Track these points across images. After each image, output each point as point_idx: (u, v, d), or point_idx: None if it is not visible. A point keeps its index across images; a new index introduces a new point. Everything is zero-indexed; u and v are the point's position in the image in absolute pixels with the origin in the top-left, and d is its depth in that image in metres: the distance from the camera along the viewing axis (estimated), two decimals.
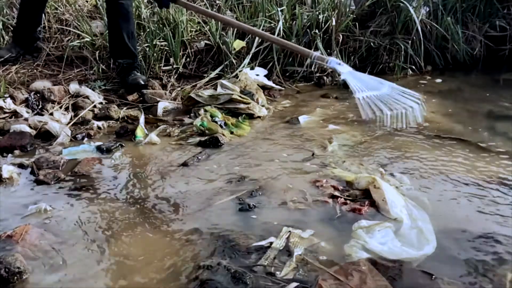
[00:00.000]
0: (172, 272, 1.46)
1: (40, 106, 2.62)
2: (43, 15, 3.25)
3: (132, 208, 1.80)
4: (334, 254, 1.52)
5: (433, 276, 1.38)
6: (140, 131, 2.39)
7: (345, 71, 1.93)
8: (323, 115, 2.71)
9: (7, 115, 2.53)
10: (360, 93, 1.77)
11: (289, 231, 1.61)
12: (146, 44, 3.13)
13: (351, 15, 3.36)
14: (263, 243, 1.56)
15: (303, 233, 1.61)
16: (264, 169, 2.07)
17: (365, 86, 1.82)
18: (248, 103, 2.66)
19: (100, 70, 3.03)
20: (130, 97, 2.81)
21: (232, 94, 2.67)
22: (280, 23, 3.20)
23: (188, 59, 3.23)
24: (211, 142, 2.29)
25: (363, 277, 1.36)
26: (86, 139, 2.40)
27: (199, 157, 2.17)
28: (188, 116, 2.63)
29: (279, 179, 1.99)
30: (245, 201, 1.81)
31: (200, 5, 3.55)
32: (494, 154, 2.20)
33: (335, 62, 1.98)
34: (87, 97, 2.73)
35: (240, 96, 2.68)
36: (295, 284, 1.38)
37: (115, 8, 2.74)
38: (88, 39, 3.22)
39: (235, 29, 3.27)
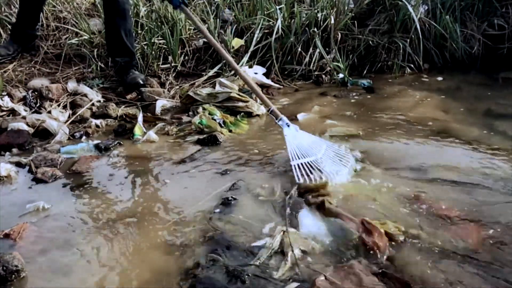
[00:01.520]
0: (169, 270, 1.46)
1: (38, 104, 2.62)
2: (42, 12, 3.25)
3: (129, 206, 1.80)
4: (328, 253, 1.53)
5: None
6: (138, 130, 2.39)
7: (289, 134, 2.11)
8: (321, 112, 2.72)
9: (4, 113, 2.52)
10: (295, 160, 1.96)
11: (283, 230, 1.61)
12: (145, 42, 3.12)
13: (350, 14, 3.36)
14: (258, 243, 1.56)
15: (297, 231, 1.61)
16: (255, 167, 2.08)
17: (302, 152, 2.01)
18: (247, 101, 2.66)
19: (98, 68, 3.02)
20: (128, 96, 2.80)
21: (231, 92, 2.67)
22: (279, 21, 3.20)
23: (186, 57, 3.23)
24: (210, 140, 2.29)
25: (358, 280, 1.37)
26: (84, 137, 2.40)
27: (197, 156, 2.17)
28: (187, 114, 2.62)
29: (268, 176, 2.00)
30: (228, 196, 1.83)
31: (199, 3, 3.55)
32: (491, 153, 2.20)
33: (284, 122, 2.15)
34: (85, 95, 2.72)
35: (238, 94, 2.68)
36: (295, 284, 1.38)
37: (111, 6, 2.73)
38: (86, 37, 3.21)
39: (233, 28, 3.27)
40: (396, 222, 1.62)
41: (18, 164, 2.08)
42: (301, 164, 1.94)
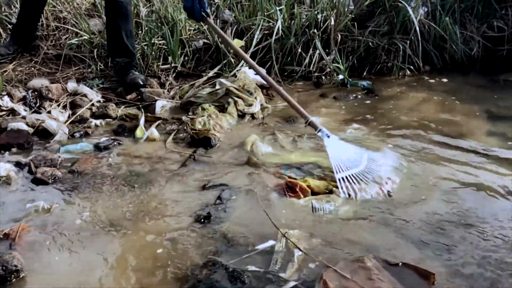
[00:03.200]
0: (169, 270, 1.46)
1: (37, 104, 2.62)
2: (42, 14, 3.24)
3: (129, 207, 1.80)
4: (333, 251, 1.54)
5: (433, 276, 1.40)
6: (139, 132, 2.38)
7: (330, 145, 2.06)
8: (335, 116, 2.71)
9: (4, 113, 2.52)
10: (339, 173, 1.91)
11: (286, 232, 1.61)
12: (145, 43, 3.12)
13: (350, 15, 3.36)
14: (263, 246, 1.56)
15: (299, 233, 1.62)
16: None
17: (345, 163, 1.96)
18: (243, 97, 2.67)
19: (98, 68, 3.02)
20: (128, 96, 2.80)
21: (229, 86, 2.69)
22: (279, 22, 3.20)
23: (186, 58, 3.22)
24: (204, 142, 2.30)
25: (368, 274, 1.36)
26: (84, 137, 2.39)
27: (195, 157, 2.17)
28: (186, 114, 2.62)
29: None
30: (222, 197, 1.85)
31: None
32: (490, 155, 2.21)
33: (324, 133, 2.09)
34: (85, 95, 2.72)
35: (236, 89, 2.69)
36: (293, 283, 1.38)
37: (114, 7, 2.73)
38: (86, 37, 3.21)
39: (233, 29, 3.27)
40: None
41: (18, 164, 2.08)
42: (346, 176, 1.90)
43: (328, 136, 2.09)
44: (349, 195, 1.84)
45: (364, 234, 1.64)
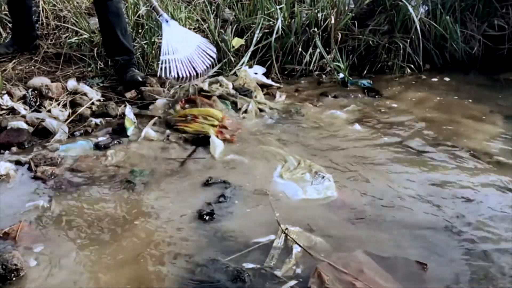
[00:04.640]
0: (169, 269, 1.46)
1: (37, 103, 2.61)
2: (36, 13, 3.24)
3: (129, 205, 1.80)
4: (330, 247, 1.55)
5: (426, 266, 1.41)
6: (128, 122, 2.38)
7: (167, 30, 2.38)
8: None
9: (4, 111, 2.52)
10: (164, 56, 2.23)
11: (286, 228, 1.61)
12: (145, 42, 3.12)
13: (350, 14, 3.36)
14: (262, 240, 1.57)
15: (299, 229, 1.62)
16: None
17: (174, 48, 2.28)
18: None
19: (98, 67, 3.01)
20: (128, 95, 2.79)
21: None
22: (279, 21, 3.19)
23: None
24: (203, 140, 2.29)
25: (360, 267, 1.39)
26: (83, 136, 2.39)
27: (193, 156, 2.17)
28: None
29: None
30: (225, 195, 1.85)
31: (199, 3, 3.55)
32: (491, 154, 2.21)
33: (164, 18, 2.43)
34: (85, 94, 2.72)
35: (227, 94, 2.71)
36: (293, 282, 1.38)
37: (103, 6, 2.72)
38: (86, 36, 3.20)
39: (234, 28, 3.27)
40: None
41: (18, 163, 2.08)
42: (171, 60, 2.23)
43: (167, 21, 2.41)
44: (166, 76, 2.17)
45: (362, 230, 1.65)
